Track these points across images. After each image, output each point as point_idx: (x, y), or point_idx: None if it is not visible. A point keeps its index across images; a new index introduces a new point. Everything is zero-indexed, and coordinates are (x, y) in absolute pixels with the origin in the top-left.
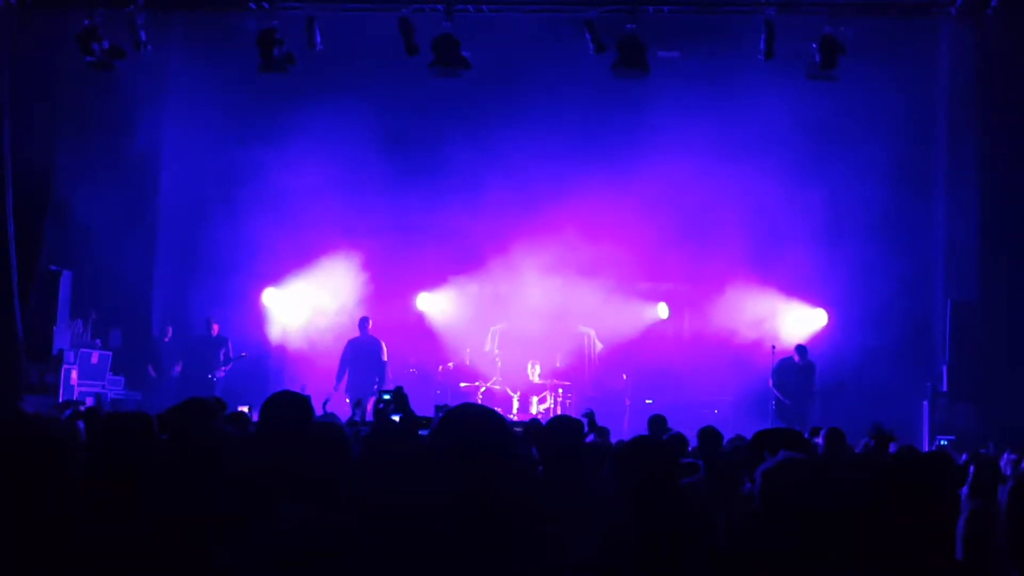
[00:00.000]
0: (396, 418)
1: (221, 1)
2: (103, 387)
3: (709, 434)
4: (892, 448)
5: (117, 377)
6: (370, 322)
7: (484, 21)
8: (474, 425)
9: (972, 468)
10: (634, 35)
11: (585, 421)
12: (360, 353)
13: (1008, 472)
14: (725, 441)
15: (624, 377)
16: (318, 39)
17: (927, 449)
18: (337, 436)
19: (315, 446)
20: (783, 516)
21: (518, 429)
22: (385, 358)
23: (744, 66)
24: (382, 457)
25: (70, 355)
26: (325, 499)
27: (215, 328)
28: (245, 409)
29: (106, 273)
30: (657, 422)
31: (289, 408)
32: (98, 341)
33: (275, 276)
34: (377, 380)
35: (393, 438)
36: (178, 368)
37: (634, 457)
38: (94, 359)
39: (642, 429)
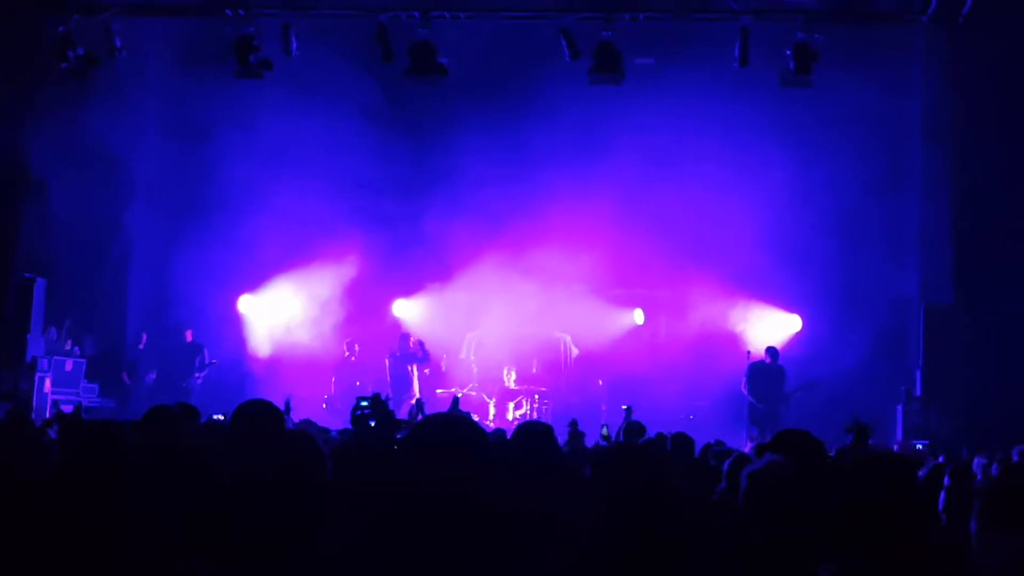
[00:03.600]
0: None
1: (197, 7)
2: (77, 395)
3: (682, 440)
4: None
5: (91, 385)
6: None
7: (460, 28)
8: (447, 433)
9: (948, 471)
10: (610, 42)
11: (568, 430)
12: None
13: (979, 475)
14: (699, 447)
15: (600, 383)
16: (294, 45)
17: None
18: (310, 445)
19: (287, 455)
20: (766, 516)
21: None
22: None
23: (719, 73)
24: (358, 464)
25: (44, 363)
26: (298, 508)
27: (189, 335)
28: (220, 417)
29: (81, 280)
30: (634, 428)
31: (260, 417)
32: (75, 348)
33: (252, 283)
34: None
35: (369, 445)
36: (153, 375)
37: (622, 465)
38: (68, 367)
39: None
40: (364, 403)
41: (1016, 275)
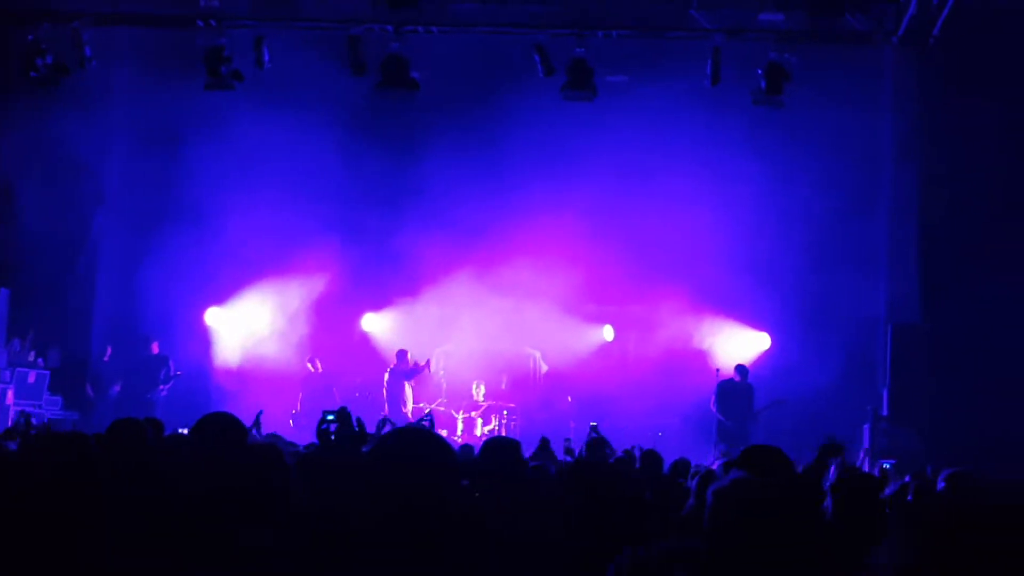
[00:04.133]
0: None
1: (168, 18)
2: (40, 406)
3: (650, 457)
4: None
5: (55, 397)
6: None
7: (434, 43)
8: (410, 447)
9: (912, 489)
10: (582, 59)
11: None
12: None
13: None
14: (667, 464)
15: (569, 399)
16: (266, 57)
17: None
18: (273, 457)
19: (250, 467)
20: (731, 534)
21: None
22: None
23: (691, 91)
24: (322, 477)
25: (6, 374)
26: (259, 519)
27: (155, 347)
28: (184, 431)
29: (46, 291)
30: (597, 444)
31: (223, 430)
32: (39, 360)
33: (219, 295)
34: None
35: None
36: (117, 388)
37: (586, 480)
38: (31, 378)
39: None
40: (330, 417)
41: (982, 296)
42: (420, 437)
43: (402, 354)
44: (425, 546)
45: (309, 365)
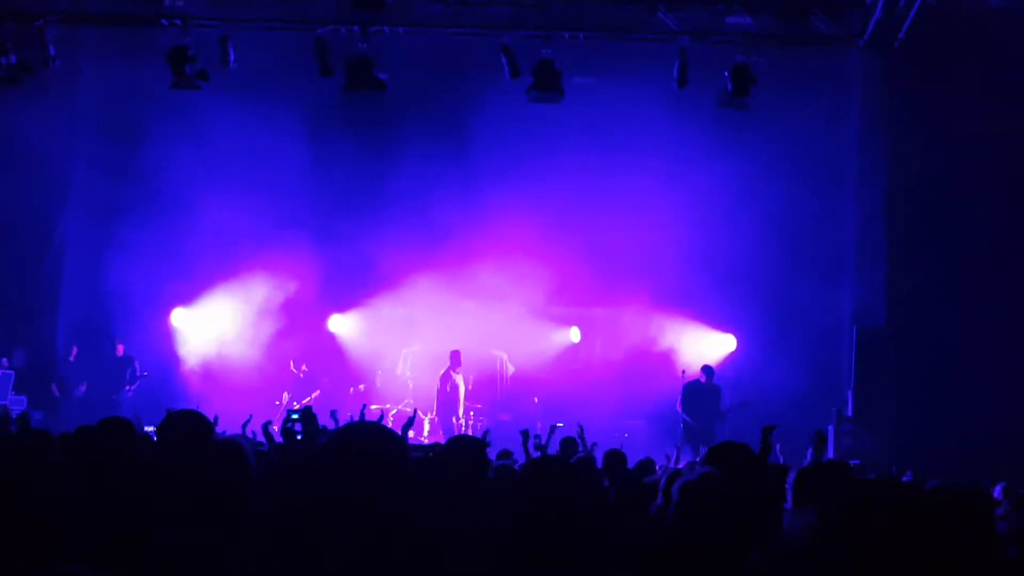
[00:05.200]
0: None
1: (133, 17)
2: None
3: (614, 455)
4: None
5: (20, 396)
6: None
7: (400, 44)
8: (363, 441)
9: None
10: (549, 61)
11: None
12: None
13: None
14: (631, 463)
15: (536, 400)
16: (232, 57)
17: None
18: (235, 455)
19: (213, 465)
20: (697, 528)
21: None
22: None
23: (658, 93)
24: (283, 476)
25: None
26: (220, 518)
27: (120, 348)
28: (151, 429)
29: (10, 291)
30: (568, 444)
31: (187, 427)
32: (3, 360)
33: (186, 296)
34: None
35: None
36: (83, 388)
37: (540, 478)
38: None
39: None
40: (295, 416)
41: (946, 299)
42: (370, 432)
43: (456, 355)
44: (376, 541)
45: (292, 367)
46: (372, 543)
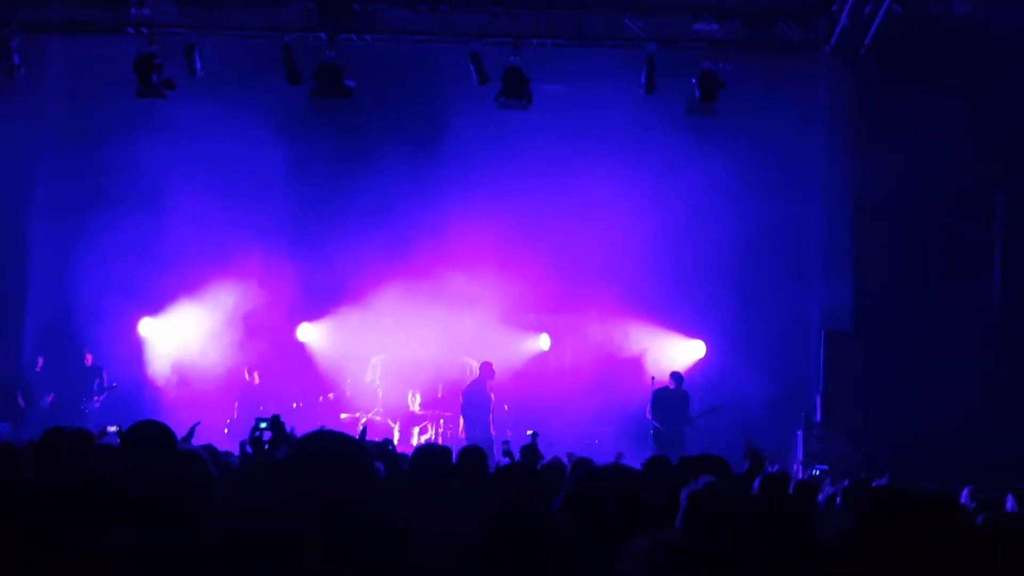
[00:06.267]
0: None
1: (98, 26)
2: None
3: (584, 464)
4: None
5: None
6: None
7: (368, 51)
8: (326, 448)
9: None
10: (517, 67)
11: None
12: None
13: None
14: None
15: (506, 408)
16: (198, 65)
17: (801, 477)
18: (197, 465)
19: (174, 475)
20: (708, 535)
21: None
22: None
23: (627, 99)
24: (249, 485)
25: None
26: (180, 525)
27: (88, 358)
28: (113, 429)
29: None
30: (530, 451)
31: (151, 437)
32: None
33: (154, 304)
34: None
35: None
36: (50, 399)
37: (506, 484)
38: None
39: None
40: (263, 424)
41: (913, 303)
42: (335, 439)
43: (487, 367)
44: (339, 548)
45: (247, 374)
46: (337, 547)
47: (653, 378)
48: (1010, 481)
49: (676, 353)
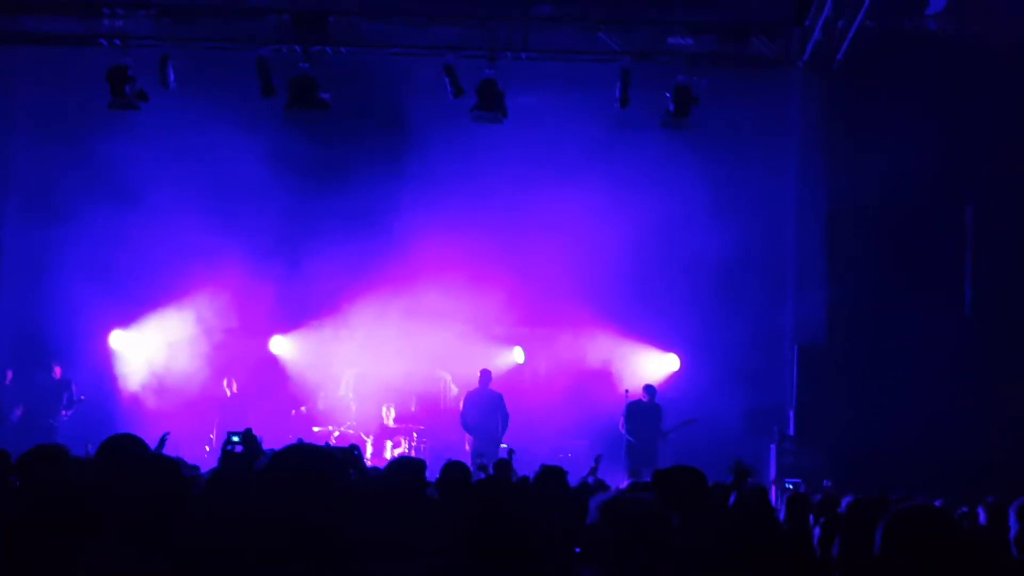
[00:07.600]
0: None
1: (71, 37)
2: None
3: (556, 476)
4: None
5: None
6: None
7: (342, 62)
8: (300, 464)
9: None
10: (492, 80)
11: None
12: (482, 407)
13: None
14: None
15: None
16: (171, 77)
17: (774, 491)
18: (171, 476)
19: (147, 487)
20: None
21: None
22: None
23: (601, 113)
24: (222, 498)
25: None
26: (152, 539)
27: (57, 371)
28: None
29: None
30: (504, 465)
31: (123, 449)
32: None
33: (125, 317)
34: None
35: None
36: (18, 412)
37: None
38: None
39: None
40: (235, 438)
41: (885, 317)
42: (308, 453)
43: (486, 374)
44: (313, 562)
45: (225, 385)
46: (311, 562)
47: (627, 391)
48: (983, 493)
49: (650, 367)
